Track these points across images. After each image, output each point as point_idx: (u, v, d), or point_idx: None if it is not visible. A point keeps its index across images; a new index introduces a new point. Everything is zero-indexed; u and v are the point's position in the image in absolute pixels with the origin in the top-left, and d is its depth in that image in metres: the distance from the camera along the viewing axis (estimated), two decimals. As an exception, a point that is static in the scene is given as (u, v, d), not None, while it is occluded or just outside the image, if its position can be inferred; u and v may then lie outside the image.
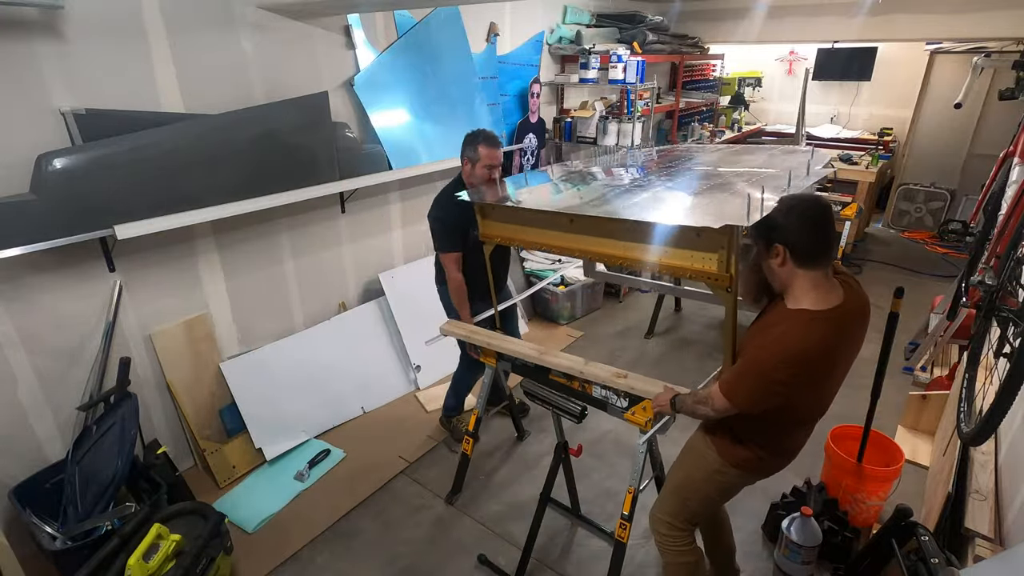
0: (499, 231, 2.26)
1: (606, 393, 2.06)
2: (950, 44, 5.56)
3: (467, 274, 2.60)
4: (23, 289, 2.18)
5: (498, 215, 2.24)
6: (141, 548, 1.89)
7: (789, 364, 1.41)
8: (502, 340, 2.41)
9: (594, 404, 2.10)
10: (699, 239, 1.58)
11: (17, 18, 1.97)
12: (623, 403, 2.02)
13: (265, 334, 3.09)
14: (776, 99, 7.17)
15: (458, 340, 2.59)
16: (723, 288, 1.58)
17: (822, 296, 1.45)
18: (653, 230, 1.70)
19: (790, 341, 1.42)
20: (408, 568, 2.33)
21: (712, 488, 1.73)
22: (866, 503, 2.35)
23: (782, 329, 1.45)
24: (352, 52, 3.10)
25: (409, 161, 3.43)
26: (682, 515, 1.77)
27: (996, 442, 2.19)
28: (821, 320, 1.43)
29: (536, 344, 2.34)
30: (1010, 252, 1.85)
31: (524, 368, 2.32)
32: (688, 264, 1.63)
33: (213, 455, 2.75)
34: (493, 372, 2.52)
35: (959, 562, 1.71)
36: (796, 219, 1.42)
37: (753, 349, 1.51)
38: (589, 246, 1.94)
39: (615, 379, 1.99)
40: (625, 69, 4.24)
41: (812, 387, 1.51)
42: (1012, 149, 3.33)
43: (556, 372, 2.19)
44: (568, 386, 2.18)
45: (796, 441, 1.69)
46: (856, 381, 3.48)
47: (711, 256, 1.58)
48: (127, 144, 2.24)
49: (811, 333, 1.42)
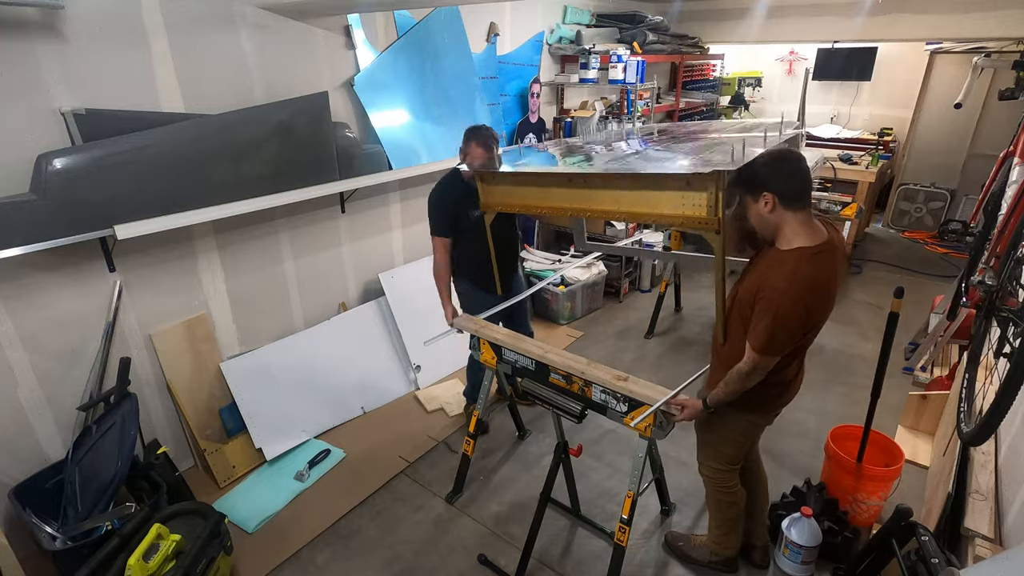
0: (499, 198, 2.26)
1: (606, 397, 2.05)
2: (950, 44, 5.56)
3: (470, 260, 2.70)
4: (23, 289, 2.18)
5: (498, 181, 2.26)
6: (141, 548, 1.89)
7: (809, 296, 1.60)
8: (504, 335, 2.41)
9: (594, 408, 2.10)
10: (688, 186, 1.66)
11: (17, 18, 1.97)
12: (623, 407, 2.01)
13: (265, 334, 3.09)
14: (776, 99, 7.16)
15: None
16: (712, 231, 1.66)
17: (812, 233, 1.64)
18: (644, 181, 1.77)
19: (803, 276, 1.59)
20: (408, 568, 2.33)
21: (738, 433, 1.97)
22: (866, 503, 2.35)
23: (790, 268, 1.60)
24: (352, 52, 3.10)
25: (409, 161, 3.43)
26: (721, 459, 2.03)
27: (996, 442, 2.19)
28: (820, 253, 1.62)
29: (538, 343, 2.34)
30: (1010, 252, 1.84)
31: (524, 371, 2.32)
32: (679, 212, 1.70)
33: (213, 455, 2.75)
34: (492, 373, 2.51)
35: (959, 562, 1.71)
36: (778, 168, 1.63)
37: (768, 296, 1.62)
38: (586, 203, 1.97)
39: (615, 382, 1.99)
40: (625, 69, 4.24)
41: (821, 316, 1.68)
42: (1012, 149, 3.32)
43: (555, 375, 2.19)
44: (568, 389, 2.17)
45: (795, 373, 1.89)
46: (856, 381, 3.51)
47: (700, 202, 1.64)
48: (127, 144, 2.24)
49: (817, 265, 1.61)
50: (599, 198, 1.91)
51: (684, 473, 2.76)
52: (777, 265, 1.63)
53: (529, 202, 2.16)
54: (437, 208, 2.65)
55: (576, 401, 2.09)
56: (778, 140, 2.18)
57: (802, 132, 2.83)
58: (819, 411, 3.24)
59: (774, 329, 1.61)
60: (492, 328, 2.49)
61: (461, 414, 3.25)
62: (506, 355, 2.38)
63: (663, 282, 4.19)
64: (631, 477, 2.03)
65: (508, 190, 2.23)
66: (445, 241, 2.66)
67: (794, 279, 1.58)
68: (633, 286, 4.96)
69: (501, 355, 2.41)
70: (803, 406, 3.23)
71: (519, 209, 2.25)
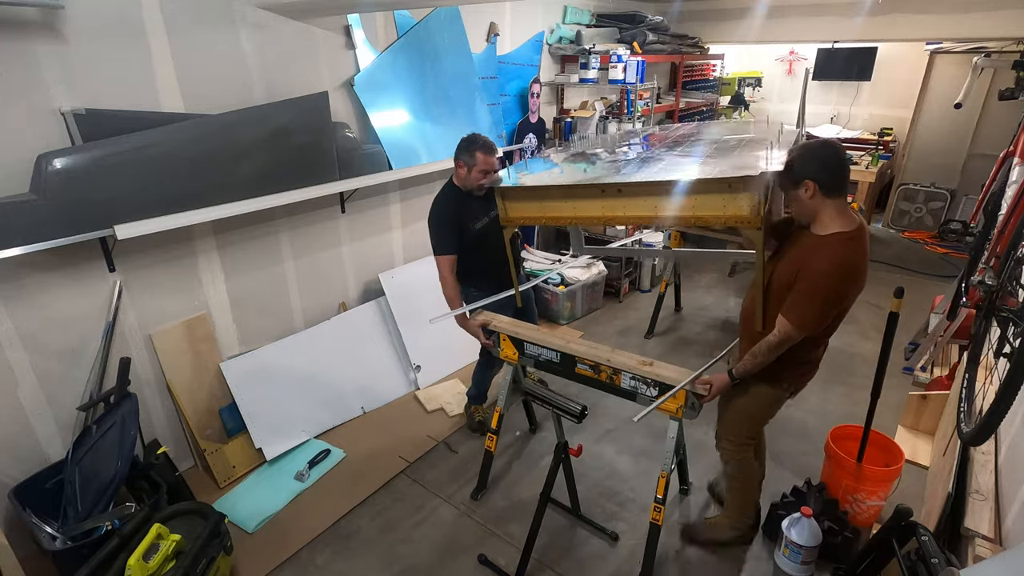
0: (523, 212, 2.24)
1: (635, 383, 2.15)
2: (950, 44, 5.56)
3: (477, 270, 2.64)
4: (23, 289, 2.18)
5: (521, 196, 2.22)
6: (141, 548, 1.89)
7: (846, 278, 1.75)
8: (528, 329, 2.47)
9: (623, 395, 2.21)
10: (731, 189, 1.76)
11: (17, 18, 1.97)
12: (652, 392, 2.11)
13: (265, 334, 3.09)
14: (776, 99, 7.17)
15: (480, 340, 2.59)
16: (755, 227, 1.79)
17: (847, 219, 1.77)
18: (687, 187, 1.85)
19: (842, 259, 1.73)
20: (408, 568, 2.33)
21: (765, 408, 2.11)
22: (866, 503, 2.35)
23: (832, 251, 1.74)
24: (352, 52, 3.10)
25: (409, 161, 3.43)
26: (743, 434, 2.17)
27: (996, 442, 2.19)
28: (856, 238, 1.76)
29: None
30: (1010, 252, 1.84)
31: (548, 364, 2.36)
32: (721, 213, 1.81)
33: (213, 455, 2.75)
34: (514, 369, 2.53)
35: (959, 562, 1.71)
36: (819, 157, 1.76)
37: (811, 277, 1.75)
38: (621, 211, 2.01)
39: (642, 367, 2.11)
40: (625, 69, 4.24)
41: (853, 298, 1.82)
42: (1012, 149, 3.32)
43: (582, 366, 2.26)
44: (596, 379, 2.25)
45: (820, 354, 2.03)
46: (856, 381, 3.51)
47: (743, 202, 1.76)
48: (127, 144, 2.24)
49: (855, 249, 1.76)
50: (635, 205, 1.96)
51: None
52: (818, 248, 1.77)
53: (557, 214, 2.14)
54: (441, 226, 2.57)
55: (605, 390, 2.23)
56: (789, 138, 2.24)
57: (802, 132, 2.85)
58: (819, 411, 3.25)
59: (813, 306, 1.76)
60: (519, 324, 2.53)
61: (461, 414, 3.26)
62: (528, 349, 2.43)
63: (663, 282, 4.19)
64: (664, 458, 2.15)
65: (533, 205, 2.20)
66: (451, 259, 2.56)
67: (835, 261, 1.73)
68: (633, 286, 4.96)
69: (523, 350, 2.45)
70: (803, 406, 3.24)
71: (545, 222, 2.24)
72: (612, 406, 3.31)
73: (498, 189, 2.24)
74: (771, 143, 2.09)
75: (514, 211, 2.26)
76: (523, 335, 2.44)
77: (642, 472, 2.82)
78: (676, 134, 2.98)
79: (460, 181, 2.55)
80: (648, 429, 3.11)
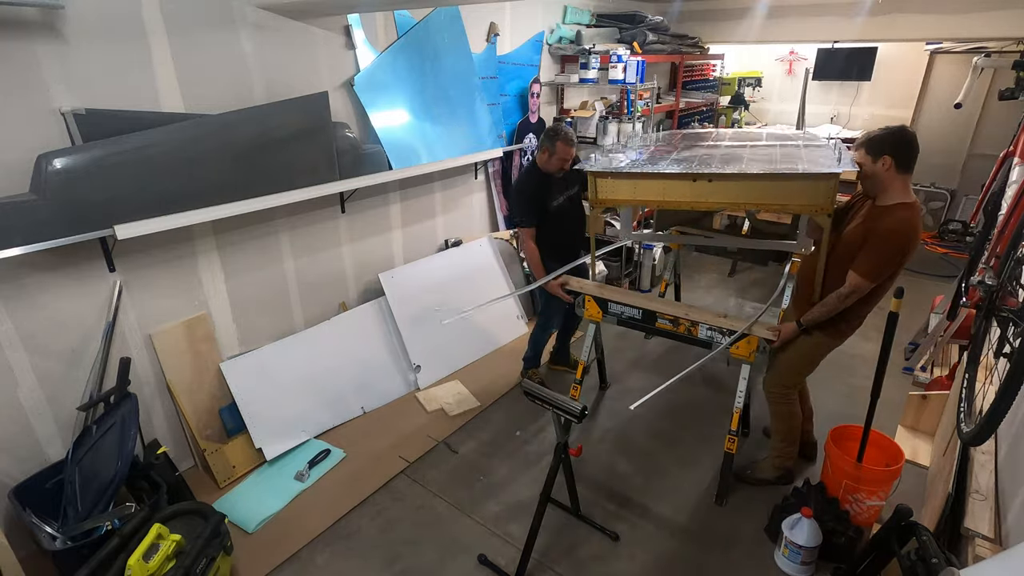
0: (615, 194, 2.49)
1: (711, 333, 2.47)
2: (950, 44, 5.56)
3: (549, 239, 3.04)
4: (23, 289, 2.18)
5: (617, 180, 2.46)
6: (141, 548, 1.89)
7: (909, 236, 2.06)
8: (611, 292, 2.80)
9: (700, 344, 2.54)
10: (809, 181, 2.13)
11: (17, 18, 1.97)
12: (727, 340, 2.40)
13: (265, 334, 3.09)
14: (776, 99, 7.17)
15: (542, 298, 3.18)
16: (825, 214, 2.16)
17: (909, 194, 2.11)
18: (778, 178, 2.17)
19: (907, 221, 2.05)
20: (408, 568, 2.33)
21: (818, 354, 2.41)
22: (866, 503, 2.34)
23: (897, 215, 2.06)
24: (352, 52, 3.10)
25: (409, 161, 3.43)
26: (792, 379, 2.50)
27: (996, 442, 2.19)
28: (916, 209, 2.09)
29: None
30: (1010, 252, 1.84)
31: (630, 320, 2.70)
32: (799, 201, 2.20)
33: (213, 455, 2.75)
34: (596, 327, 2.90)
35: (959, 562, 1.71)
36: (899, 138, 2.08)
37: (880, 234, 2.07)
38: (708, 197, 2.30)
39: (718, 319, 2.46)
40: (625, 69, 4.24)
41: (908, 259, 2.12)
42: (1012, 149, 3.33)
43: (663, 320, 2.60)
44: (674, 331, 2.59)
45: (868, 311, 2.32)
46: (856, 381, 3.51)
47: (819, 191, 2.13)
48: (127, 144, 2.24)
49: (915, 216, 2.08)
50: (725, 191, 2.26)
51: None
52: (884, 215, 2.09)
53: (646, 197, 2.45)
54: (525, 201, 3.00)
55: (683, 341, 2.61)
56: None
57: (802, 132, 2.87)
58: (819, 411, 3.23)
59: (880, 259, 2.08)
60: (603, 287, 2.91)
61: (461, 414, 3.26)
62: (611, 308, 2.76)
63: (663, 282, 4.17)
64: (737, 396, 2.50)
65: (626, 185, 2.46)
66: (532, 231, 3.01)
67: (901, 222, 2.05)
68: (633, 286, 4.96)
69: (607, 308, 2.77)
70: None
71: (634, 203, 2.60)
72: (612, 406, 3.31)
73: (592, 173, 2.47)
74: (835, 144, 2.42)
75: (605, 193, 2.50)
76: (607, 295, 2.77)
77: (642, 472, 2.83)
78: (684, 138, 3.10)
79: (543, 164, 2.97)
80: (648, 429, 3.11)
